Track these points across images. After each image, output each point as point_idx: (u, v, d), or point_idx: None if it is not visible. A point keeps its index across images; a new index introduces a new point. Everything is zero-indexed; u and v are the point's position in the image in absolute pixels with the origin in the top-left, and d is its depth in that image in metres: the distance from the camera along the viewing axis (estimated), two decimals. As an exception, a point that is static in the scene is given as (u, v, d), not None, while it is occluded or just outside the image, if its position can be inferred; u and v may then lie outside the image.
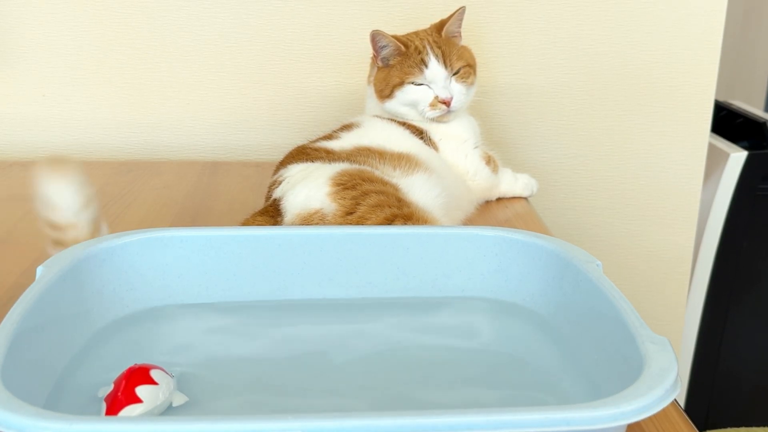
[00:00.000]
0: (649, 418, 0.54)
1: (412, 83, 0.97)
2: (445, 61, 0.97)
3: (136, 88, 1.24)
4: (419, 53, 0.97)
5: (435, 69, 0.96)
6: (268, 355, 0.64)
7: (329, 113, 1.25)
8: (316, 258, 0.69)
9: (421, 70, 0.96)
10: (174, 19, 1.21)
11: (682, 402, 1.57)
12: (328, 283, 0.69)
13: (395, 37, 0.97)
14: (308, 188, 0.80)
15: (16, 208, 1.00)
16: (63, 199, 0.66)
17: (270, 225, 0.81)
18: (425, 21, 1.11)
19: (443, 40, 0.99)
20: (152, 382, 0.53)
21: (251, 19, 1.22)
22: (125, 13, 1.21)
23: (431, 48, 0.97)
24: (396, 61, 0.97)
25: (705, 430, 1.51)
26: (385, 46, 0.97)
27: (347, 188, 0.78)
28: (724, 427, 1.51)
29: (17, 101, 1.24)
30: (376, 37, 0.97)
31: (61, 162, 0.66)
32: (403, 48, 0.97)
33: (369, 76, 1.04)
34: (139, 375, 0.53)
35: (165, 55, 1.23)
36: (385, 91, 0.98)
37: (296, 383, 0.59)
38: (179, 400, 0.54)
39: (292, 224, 0.78)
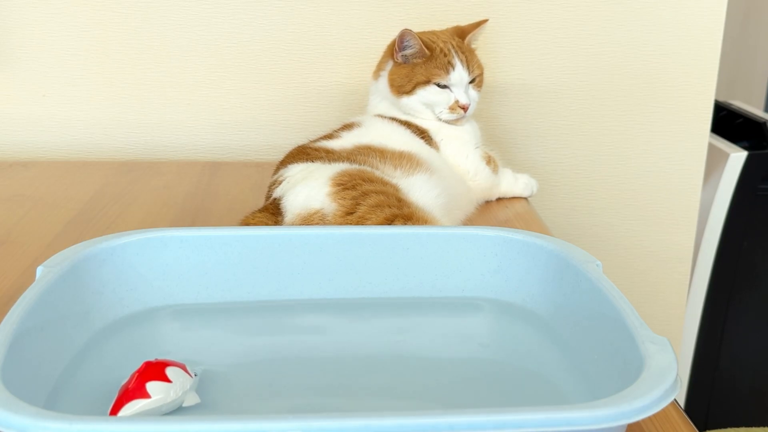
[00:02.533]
0: (649, 418, 0.54)
1: (437, 84, 0.97)
2: (468, 66, 0.99)
3: (136, 88, 1.24)
4: (445, 56, 0.98)
5: (460, 73, 0.98)
6: (268, 355, 0.64)
7: (329, 113, 1.25)
8: (316, 258, 0.69)
9: (448, 72, 0.97)
10: (174, 19, 1.21)
11: (682, 402, 1.57)
12: (328, 283, 0.69)
13: (422, 40, 0.97)
14: (308, 188, 0.80)
15: (16, 208, 1.01)
16: None
17: (270, 222, 0.81)
18: (426, 21, 1.12)
19: (465, 47, 1.01)
20: (165, 379, 0.53)
21: (251, 19, 1.22)
22: (125, 13, 1.21)
23: (456, 52, 0.98)
24: (420, 60, 0.98)
25: (705, 430, 1.51)
26: (410, 46, 0.97)
27: (347, 188, 0.79)
28: (725, 427, 1.51)
29: (17, 101, 1.24)
30: (405, 36, 0.97)
31: None
32: (427, 52, 0.97)
33: (378, 70, 1.03)
34: (154, 370, 0.53)
35: (165, 55, 1.23)
36: (405, 87, 0.98)
37: (296, 383, 0.59)
38: (191, 400, 0.54)
39: (293, 224, 0.78)
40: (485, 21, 1.05)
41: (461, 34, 1.03)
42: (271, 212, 0.82)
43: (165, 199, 1.05)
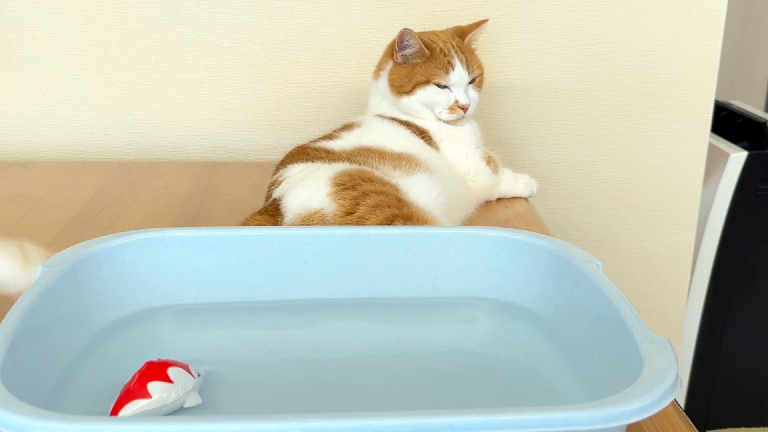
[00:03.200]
0: (649, 419, 0.55)
1: (437, 84, 0.98)
2: (468, 67, 0.99)
3: (136, 88, 1.25)
4: (445, 56, 0.98)
5: (459, 73, 0.98)
6: (268, 355, 0.64)
7: (329, 113, 1.26)
8: (316, 258, 0.69)
9: (447, 72, 0.97)
10: (174, 19, 1.22)
11: (682, 402, 1.57)
12: (328, 283, 0.69)
13: (422, 40, 0.97)
14: (308, 188, 0.80)
15: (16, 208, 1.01)
16: None
17: (270, 224, 0.81)
18: (426, 21, 1.11)
19: (465, 47, 1.01)
20: (167, 379, 0.53)
21: (251, 19, 1.22)
22: (125, 13, 1.21)
23: (456, 53, 0.99)
24: (420, 60, 0.98)
25: (705, 430, 1.52)
26: (410, 46, 0.98)
27: (347, 188, 0.79)
28: (725, 427, 1.51)
29: (17, 101, 1.25)
30: (404, 36, 0.97)
31: None
32: (427, 51, 0.97)
33: (379, 70, 1.03)
34: (155, 370, 0.53)
35: (165, 55, 1.23)
36: (405, 87, 0.99)
37: (295, 384, 0.59)
38: (192, 401, 0.54)
39: (292, 224, 0.79)
40: (485, 21, 1.05)
41: (461, 34, 1.03)
42: (271, 214, 0.82)
43: (165, 199, 1.06)
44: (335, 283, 0.69)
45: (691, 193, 1.35)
